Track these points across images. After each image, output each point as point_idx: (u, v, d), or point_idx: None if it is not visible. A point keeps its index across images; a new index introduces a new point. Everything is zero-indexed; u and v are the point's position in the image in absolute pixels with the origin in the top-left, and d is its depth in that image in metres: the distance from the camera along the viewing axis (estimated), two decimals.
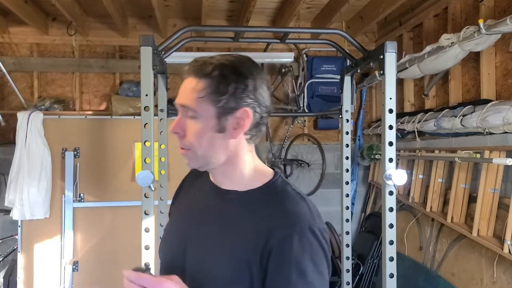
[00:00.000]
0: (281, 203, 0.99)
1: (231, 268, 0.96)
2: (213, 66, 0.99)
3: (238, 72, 0.99)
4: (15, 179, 3.41)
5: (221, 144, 1.01)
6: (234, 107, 0.98)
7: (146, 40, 2.13)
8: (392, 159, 2.18)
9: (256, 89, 1.00)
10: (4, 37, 4.22)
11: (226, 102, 0.97)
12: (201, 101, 0.98)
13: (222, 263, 0.97)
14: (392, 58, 2.22)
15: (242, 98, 0.98)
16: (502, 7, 2.83)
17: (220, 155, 1.02)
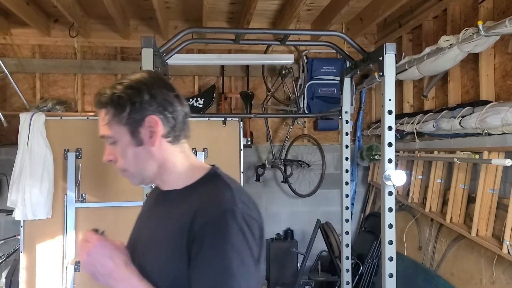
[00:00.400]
0: (207, 193, 1.07)
1: (164, 254, 1.05)
2: (106, 94, 1.09)
3: (131, 89, 1.08)
4: (17, 179, 3.42)
5: (146, 155, 1.11)
6: (139, 119, 1.07)
7: (147, 42, 2.15)
8: (391, 160, 2.21)
9: (154, 97, 1.08)
10: (6, 39, 4.25)
11: (130, 118, 1.07)
12: (110, 126, 1.08)
13: (158, 250, 1.07)
14: (392, 60, 2.24)
15: (144, 108, 1.07)
16: (501, 8, 2.85)
17: (150, 166, 1.12)
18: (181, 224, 1.03)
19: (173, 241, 1.03)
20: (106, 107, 1.08)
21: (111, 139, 1.10)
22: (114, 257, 1.04)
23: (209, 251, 0.97)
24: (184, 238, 1.01)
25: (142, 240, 1.16)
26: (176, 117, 1.11)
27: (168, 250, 1.04)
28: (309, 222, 4.37)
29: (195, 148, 3.80)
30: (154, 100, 1.08)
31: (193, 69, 4.51)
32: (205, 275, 0.97)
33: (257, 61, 4.46)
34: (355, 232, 4.78)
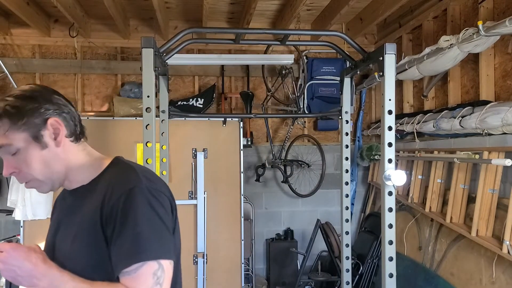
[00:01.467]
0: (113, 177, 1.15)
1: (82, 244, 1.10)
2: (1, 106, 1.09)
3: (24, 97, 1.10)
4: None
5: (52, 158, 1.14)
6: (40, 123, 1.11)
7: (147, 42, 2.15)
8: (391, 160, 2.21)
9: (50, 101, 1.13)
10: (6, 39, 4.25)
11: (29, 123, 1.09)
12: (9, 136, 1.08)
13: (75, 243, 1.12)
14: (392, 60, 2.24)
15: (42, 113, 1.11)
16: (501, 8, 2.85)
17: (57, 168, 1.16)
18: (92, 211, 1.09)
19: (87, 229, 1.09)
20: (1, 119, 1.08)
21: (12, 148, 1.09)
22: (30, 257, 1.04)
23: (122, 226, 1.04)
24: (97, 223, 1.07)
25: (59, 239, 1.19)
26: (73, 117, 1.18)
27: (85, 238, 1.10)
28: (309, 222, 4.37)
29: (195, 148, 3.81)
30: (50, 103, 1.12)
31: (193, 69, 4.51)
32: (121, 245, 1.04)
33: (257, 61, 4.46)
34: (355, 232, 4.78)
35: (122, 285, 1.04)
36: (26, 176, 1.14)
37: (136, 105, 4.01)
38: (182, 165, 3.76)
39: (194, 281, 3.68)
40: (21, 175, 1.14)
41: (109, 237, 1.06)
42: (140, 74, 2.14)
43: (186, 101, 4.36)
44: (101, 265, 1.08)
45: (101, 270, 1.08)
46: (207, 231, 3.72)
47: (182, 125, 3.77)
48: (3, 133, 1.08)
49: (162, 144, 2.87)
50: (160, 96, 2.88)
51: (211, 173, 3.77)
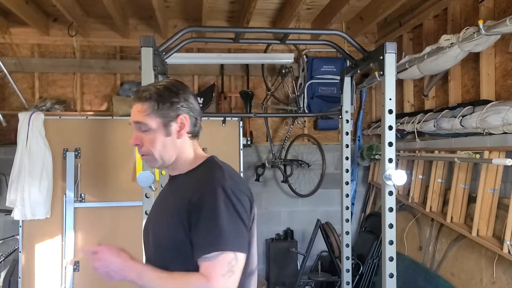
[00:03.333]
0: (202, 173, 1.38)
1: (167, 221, 1.35)
2: (150, 91, 1.36)
3: (170, 91, 1.38)
4: (16, 179, 3.42)
5: (171, 144, 1.39)
6: (174, 116, 1.37)
7: (147, 41, 2.14)
8: (391, 160, 2.20)
9: (186, 100, 1.39)
10: (5, 38, 4.24)
11: (167, 114, 1.36)
12: (148, 117, 1.35)
13: (165, 224, 1.36)
14: (392, 59, 2.23)
15: (178, 108, 1.37)
16: (501, 8, 2.84)
17: (171, 154, 1.40)
18: (182, 199, 1.31)
19: (175, 212, 1.32)
20: (149, 101, 1.35)
21: (145, 127, 1.36)
22: (120, 255, 1.28)
23: (205, 217, 1.25)
24: (184, 210, 1.28)
25: (153, 220, 1.47)
26: (197, 119, 1.44)
27: (171, 218, 1.33)
28: (309, 222, 4.36)
29: None
30: (186, 103, 1.39)
31: (193, 68, 4.49)
32: (203, 235, 1.24)
33: (257, 60, 4.44)
34: (356, 232, 4.77)
35: (198, 275, 1.23)
36: (146, 151, 1.38)
37: None
38: None
39: None
40: (142, 149, 1.39)
41: (192, 224, 1.26)
42: (139, 73, 2.13)
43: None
44: (181, 246, 1.30)
45: (180, 249, 1.30)
46: None
47: None
48: (145, 113, 1.35)
49: None
50: None
51: None
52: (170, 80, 1.44)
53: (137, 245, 2.36)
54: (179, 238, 1.30)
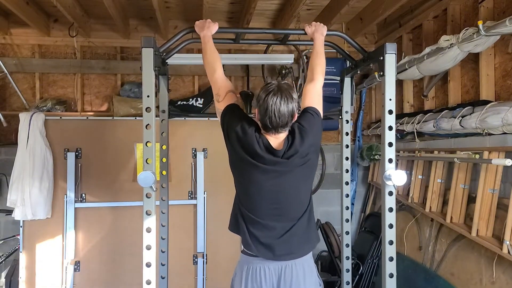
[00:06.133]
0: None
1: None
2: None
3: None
4: (17, 179, 3.42)
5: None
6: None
7: (147, 41, 2.15)
8: (391, 160, 2.20)
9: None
10: (6, 38, 4.24)
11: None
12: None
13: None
14: (392, 59, 2.24)
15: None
16: (501, 8, 2.85)
17: None
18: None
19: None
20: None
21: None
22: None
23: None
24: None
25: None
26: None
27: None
28: None
29: (195, 148, 3.80)
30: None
31: (193, 69, 4.50)
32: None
33: (257, 60, 4.45)
34: (355, 232, 4.77)
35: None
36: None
37: (136, 105, 4.01)
38: (182, 165, 3.76)
39: (194, 281, 3.67)
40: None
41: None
42: (139, 74, 2.14)
43: (186, 101, 4.36)
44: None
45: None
46: (207, 231, 3.71)
47: (182, 125, 3.77)
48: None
49: (162, 144, 2.87)
50: (160, 96, 2.88)
51: (211, 173, 3.77)
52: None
53: (137, 245, 2.36)
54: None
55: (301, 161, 1.89)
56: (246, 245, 1.96)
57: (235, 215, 2.05)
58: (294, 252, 1.93)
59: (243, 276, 1.96)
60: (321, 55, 2.26)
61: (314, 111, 1.99)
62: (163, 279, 2.83)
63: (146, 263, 2.07)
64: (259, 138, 1.86)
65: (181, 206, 3.71)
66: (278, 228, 1.93)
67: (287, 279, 1.90)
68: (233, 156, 1.95)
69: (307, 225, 1.98)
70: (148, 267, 2.07)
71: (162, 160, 2.86)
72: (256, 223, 1.93)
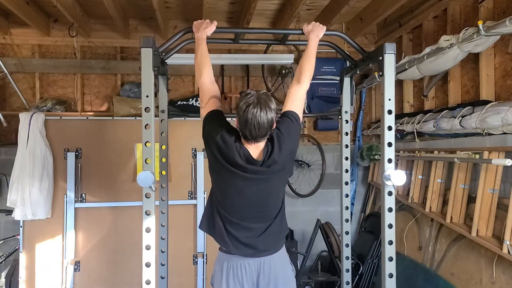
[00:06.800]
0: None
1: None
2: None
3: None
4: (17, 179, 3.43)
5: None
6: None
7: (146, 41, 2.15)
8: (391, 160, 2.20)
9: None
10: (6, 38, 4.24)
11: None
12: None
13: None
14: (392, 60, 2.24)
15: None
16: (501, 8, 2.84)
17: None
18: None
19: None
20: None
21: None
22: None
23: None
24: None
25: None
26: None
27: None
28: (309, 222, 4.36)
29: (195, 148, 3.80)
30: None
31: (193, 69, 4.40)
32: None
33: (257, 60, 4.45)
34: (355, 232, 4.77)
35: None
36: None
37: (136, 105, 4.01)
38: (182, 165, 3.76)
39: (194, 281, 3.67)
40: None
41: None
42: (139, 74, 2.13)
43: (186, 100, 4.36)
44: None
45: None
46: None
47: (182, 125, 3.77)
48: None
49: (162, 144, 2.87)
50: (160, 96, 2.88)
51: None
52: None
53: (137, 245, 2.36)
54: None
55: (280, 168, 1.98)
56: (224, 245, 2.05)
57: (209, 215, 2.10)
58: (270, 249, 2.06)
59: (223, 273, 2.04)
60: (312, 58, 2.28)
61: (294, 116, 2.10)
62: (163, 279, 2.84)
63: (146, 263, 2.07)
64: (239, 149, 1.93)
65: (181, 206, 3.71)
66: (257, 228, 2.04)
67: (266, 273, 2.03)
68: (213, 162, 2.02)
69: (280, 222, 2.11)
70: (148, 267, 2.08)
71: (162, 160, 2.86)
72: (235, 224, 2.02)
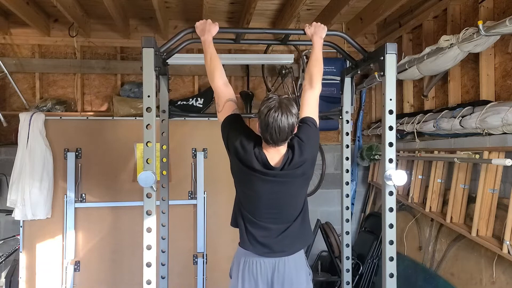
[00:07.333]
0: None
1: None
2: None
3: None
4: (17, 179, 3.42)
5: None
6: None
7: (148, 41, 2.15)
8: (392, 160, 2.20)
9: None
10: (6, 38, 4.24)
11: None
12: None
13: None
14: (393, 59, 2.24)
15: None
16: (501, 8, 2.85)
17: None
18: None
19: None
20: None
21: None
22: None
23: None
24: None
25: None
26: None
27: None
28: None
29: (195, 148, 3.80)
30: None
31: (193, 69, 4.50)
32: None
33: (257, 60, 4.45)
34: (355, 232, 4.77)
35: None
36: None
37: (136, 105, 4.01)
38: (182, 165, 3.75)
39: (194, 281, 3.67)
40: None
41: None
42: (140, 74, 2.14)
43: (186, 101, 4.36)
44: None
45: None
46: (207, 231, 3.71)
47: (182, 125, 3.77)
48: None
49: (162, 144, 2.87)
50: (160, 96, 2.88)
51: (211, 173, 3.77)
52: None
53: (137, 245, 2.37)
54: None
55: (299, 173, 2.00)
56: (242, 242, 2.12)
57: (235, 213, 2.18)
58: (286, 250, 2.08)
59: (240, 267, 2.11)
60: (320, 61, 2.28)
61: (312, 122, 2.08)
62: (163, 279, 2.84)
63: (146, 263, 2.08)
64: (258, 155, 1.94)
65: (181, 206, 3.70)
66: (275, 229, 2.06)
67: (281, 272, 2.06)
68: (233, 165, 2.05)
69: (301, 225, 2.12)
70: (148, 267, 2.08)
71: (163, 160, 2.86)
72: (254, 223, 2.07)
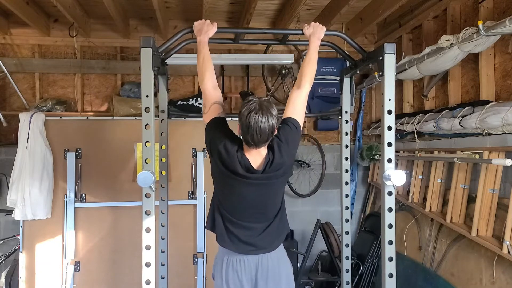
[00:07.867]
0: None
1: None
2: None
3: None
4: (17, 179, 3.42)
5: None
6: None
7: (146, 41, 2.14)
8: (391, 160, 2.20)
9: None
10: (6, 38, 4.24)
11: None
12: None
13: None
14: (391, 60, 2.24)
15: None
16: (501, 8, 2.84)
17: None
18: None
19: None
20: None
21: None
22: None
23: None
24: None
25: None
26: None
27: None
28: (309, 222, 4.37)
29: (195, 148, 3.80)
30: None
31: (193, 69, 4.50)
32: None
33: (257, 60, 4.45)
34: (355, 232, 4.77)
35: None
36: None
37: (136, 105, 4.01)
38: (182, 165, 3.76)
39: (194, 281, 3.67)
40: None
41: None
42: (139, 74, 2.13)
43: (186, 100, 4.36)
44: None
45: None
46: (207, 231, 3.71)
47: (182, 125, 3.77)
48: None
49: (162, 144, 2.87)
50: (160, 96, 2.88)
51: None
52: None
53: (137, 245, 2.37)
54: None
55: (281, 173, 2.04)
56: (223, 241, 2.11)
57: (212, 214, 2.17)
58: (267, 247, 2.12)
59: (223, 266, 2.10)
60: (314, 62, 2.32)
61: (293, 123, 2.14)
62: (162, 279, 2.84)
63: (146, 263, 2.08)
64: (241, 159, 1.96)
65: (181, 206, 3.71)
66: (258, 227, 2.10)
67: (264, 267, 2.09)
68: (215, 168, 2.05)
69: (280, 220, 2.17)
70: (148, 267, 2.08)
71: (162, 160, 2.86)
72: (236, 223, 2.08)
